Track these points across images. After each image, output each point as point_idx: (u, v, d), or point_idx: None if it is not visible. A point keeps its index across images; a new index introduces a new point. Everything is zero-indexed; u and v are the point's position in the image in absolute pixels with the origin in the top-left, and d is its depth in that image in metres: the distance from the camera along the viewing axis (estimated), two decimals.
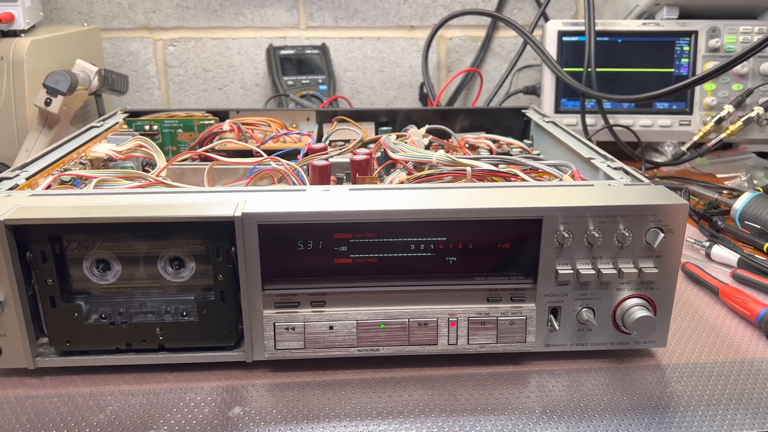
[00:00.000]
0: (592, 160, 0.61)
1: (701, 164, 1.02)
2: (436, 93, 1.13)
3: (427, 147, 0.70)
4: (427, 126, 0.76)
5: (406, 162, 0.61)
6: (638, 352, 0.53)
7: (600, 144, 0.81)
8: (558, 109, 1.03)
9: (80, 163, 0.65)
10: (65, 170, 0.61)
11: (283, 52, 1.14)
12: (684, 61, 1.01)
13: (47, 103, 0.80)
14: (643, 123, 1.01)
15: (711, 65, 0.98)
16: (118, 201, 0.48)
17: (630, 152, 0.99)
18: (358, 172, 0.61)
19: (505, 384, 0.49)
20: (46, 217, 0.45)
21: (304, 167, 0.61)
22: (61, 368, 0.50)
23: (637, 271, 0.48)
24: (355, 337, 0.49)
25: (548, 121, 0.79)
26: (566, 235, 0.47)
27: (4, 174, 0.56)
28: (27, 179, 0.55)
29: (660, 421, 0.44)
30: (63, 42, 0.96)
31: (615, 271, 0.48)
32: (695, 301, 0.61)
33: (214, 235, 0.47)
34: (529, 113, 0.84)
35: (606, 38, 1.01)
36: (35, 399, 0.47)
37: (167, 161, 0.62)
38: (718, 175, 0.98)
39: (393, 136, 0.68)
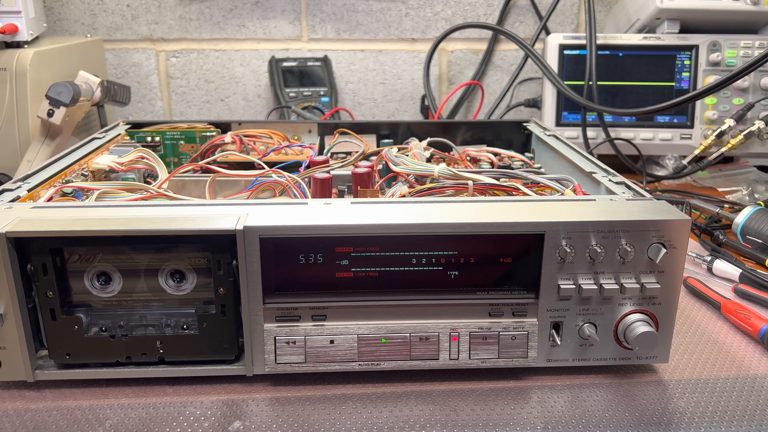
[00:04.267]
0: (593, 174, 0.61)
1: (702, 178, 1.02)
2: (437, 105, 1.14)
3: (429, 160, 0.70)
4: (428, 139, 0.76)
5: (408, 175, 0.61)
6: (640, 367, 0.52)
7: (601, 157, 0.81)
8: (559, 123, 1.03)
9: (82, 174, 0.65)
10: (67, 182, 0.61)
11: (285, 63, 1.14)
12: (685, 75, 1.01)
13: (50, 114, 0.80)
14: (644, 136, 1.01)
15: (712, 79, 0.99)
16: (120, 213, 0.48)
17: (631, 165, 0.99)
18: (359, 185, 0.61)
19: (506, 399, 0.48)
20: (47, 229, 0.45)
21: (306, 180, 0.61)
22: (60, 381, 0.49)
23: (639, 286, 0.48)
24: (356, 352, 0.49)
25: (549, 135, 0.79)
26: (568, 250, 0.47)
27: (6, 186, 0.56)
28: (29, 191, 0.55)
29: None
30: (66, 53, 0.96)
31: (617, 286, 0.48)
32: (697, 316, 0.61)
33: (216, 248, 0.46)
34: (531, 126, 0.84)
35: (607, 52, 1.01)
36: (34, 412, 0.46)
37: (169, 173, 0.63)
38: (720, 189, 0.98)
39: (394, 148, 0.68)
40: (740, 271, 0.67)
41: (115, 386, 0.49)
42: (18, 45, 0.89)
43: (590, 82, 0.98)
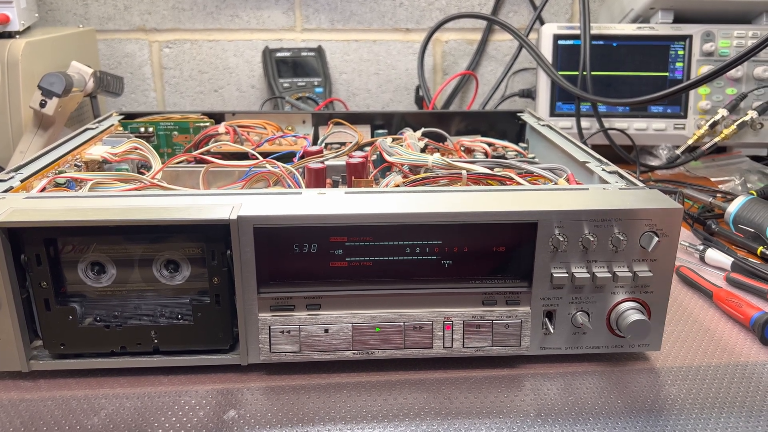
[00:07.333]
0: (587, 164, 0.61)
1: (695, 168, 1.03)
2: (431, 96, 1.13)
3: (423, 150, 0.71)
4: (422, 129, 0.76)
5: (402, 165, 0.61)
6: (632, 355, 0.53)
7: (595, 147, 0.81)
8: (553, 113, 1.03)
9: (75, 165, 0.65)
10: (60, 172, 0.61)
11: (279, 54, 1.14)
12: (678, 65, 1.01)
13: (42, 104, 0.79)
14: (637, 126, 1.02)
15: (705, 69, 0.99)
16: (113, 204, 0.48)
17: (625, 156, 0.99)
18: (353, 175, 0.61)
19: (500, 387, 0.49)
20: (40, 219, 0.45)
21: (300, 170, 0.61)
22: (55, 371, 0.50)
23: (631, 274, 0.48)
24: (351, 341, 0.49)
25: (543, 125, 0.79)
26: (561, 239, 0.47)
27: None
28: (22, 182, 0.55)
29: (654, 424, 0.45)
30: (58, 43, 0.95)
31: (609, 275, 0.48)
32: (689, 305, 0.62)
33: (210, 238, 0.47)
34: (525, 116, 0.85)
35: (601, 42, 1.01)
36: (29, 402, 0.47)
37: (162, 164, 0.62)
38: (712, 179, 0.99)
39: (389, 139, 0.68)
40: (732, 260, 0.67)
41: (110, 376, 0.49)
42: (10, 35, 0.89)
43: (584, 72, 0.98)
